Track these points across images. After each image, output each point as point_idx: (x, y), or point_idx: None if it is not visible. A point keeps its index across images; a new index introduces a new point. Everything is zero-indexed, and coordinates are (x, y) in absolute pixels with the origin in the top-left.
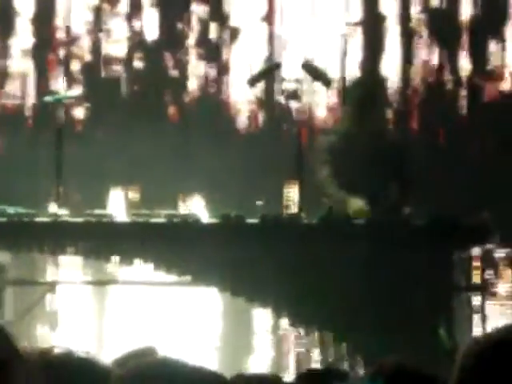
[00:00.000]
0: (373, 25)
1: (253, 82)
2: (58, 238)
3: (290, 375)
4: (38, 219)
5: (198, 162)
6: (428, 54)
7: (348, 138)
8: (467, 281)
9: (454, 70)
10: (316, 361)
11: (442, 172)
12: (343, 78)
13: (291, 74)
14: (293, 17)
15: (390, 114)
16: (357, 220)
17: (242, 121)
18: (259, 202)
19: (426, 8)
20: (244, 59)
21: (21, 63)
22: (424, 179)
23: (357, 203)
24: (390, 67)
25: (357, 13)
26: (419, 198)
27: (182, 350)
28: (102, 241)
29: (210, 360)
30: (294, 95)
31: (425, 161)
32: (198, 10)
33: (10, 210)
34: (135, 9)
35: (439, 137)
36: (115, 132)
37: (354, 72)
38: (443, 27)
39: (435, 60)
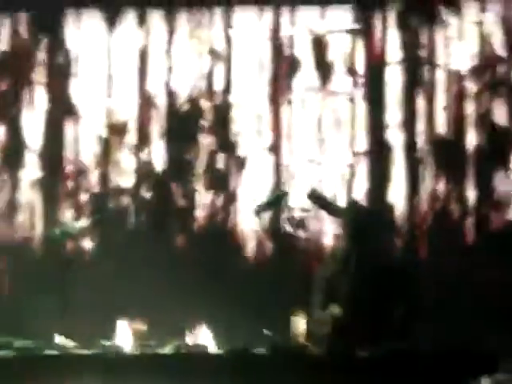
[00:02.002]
0: (379, 154)
1: (259, 211)
2: (64, 370)
3: None
4: (44, 352)
5: (205, 291)
6: (435, 183)
7: (343, 260)
8: None
9: (461, 198)
10: None
11: (449, 299)
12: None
13: (298, 203)
14: (299, 146)
15: (398, 241)
16: (361, 352)
17: (250, 250)
18: (267, 332)
19: (432, 137)
20: (251, 188)
21: (29, 195)
22: (431, 305)
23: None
24: (398, 196)
25: (363, 142)
26: (427, 325)
27: None
28: (108, 372)
29: None
30: (301, 224)
31: (432, 287)
32: (206, 141)
33: (17, 342)
34: (143, 140)
35: (445, 264)
36: (122, 263)
37: (360, 200)
38: (449, 156)
39: (441, 189)
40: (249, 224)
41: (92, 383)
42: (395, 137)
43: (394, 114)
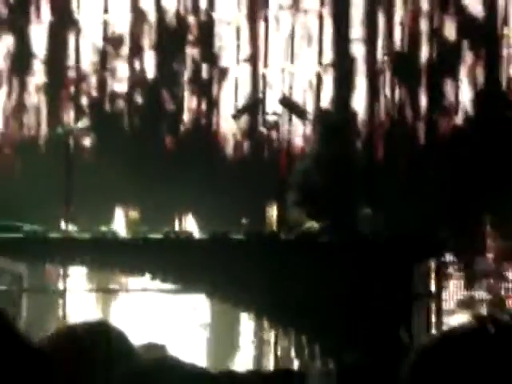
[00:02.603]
0: (343, 65)
1: (238, 115)
2: (67, 251)
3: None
4: (50, 235)
5: (190, 185)
6: (391, 92)
7: (315, 160)
8: (425, 289)
9: (414, 106)
10: (291, 360)
11: (403, 194)
12: (317, 112)
13: (272, 108)
14: (274, 58)
15: (358, 143)
16: (322, 239)
17: (229, 149)
18: (244, 221)
19: (390, 51)
20: (231, 95)
21: (35, 98)
22: (387, 201)
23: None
24: (359, 103)
25: (330, 55)
26: (383, 218)
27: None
28: (106, 254)
29: (200, 358)
30: (273, 126)
31: (387, 184)
32: (192, 52)
33: (26, 227)
34: (136, 51)
35: (400, 164)
36: (118, 159)
37: (326, 106)
38: (404, 68)
39: (397, 97)
40: (228, 126)
41: (91, 263)
42: (358, 50)
43: (357, 30)
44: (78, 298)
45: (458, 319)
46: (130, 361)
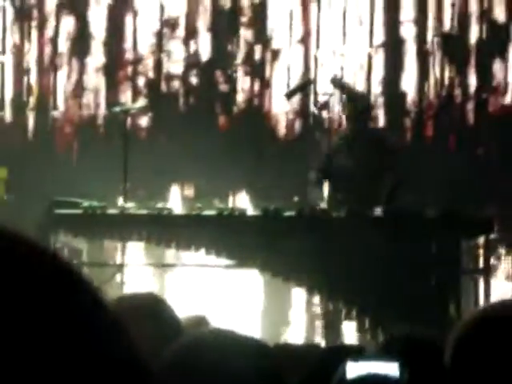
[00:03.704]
0: (394, 46)
1: (290, 95)
2: (125, 227)
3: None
4: (108, 211)
5: (244, 164)
6: (441, 72)
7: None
8: (474, 265)
9: (463, 85)
10: (341, 334)
11: (452, 173)
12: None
13: (323, 88)
14: (325, 39)
15: (407, 122)
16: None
17: (281, 129)
18: (295, 198)
19: (440, 32)
20: (283, 76)
21: (94, 79)
22: (437, 179)
23: None
24: (409, 83)
25: (380, 36)
26: (430, 195)
27: (229, 322)
28: (162, 230)
29: (253, 332)
30: (325, 107)
31: (438, 163)
32: (245, 34)
33: (85, 203)
34: (191, 33)
35: (449, 143)
36: (174, 138)
37: (377, 87)
38: (454, 49)
39: (447, 77)
40: (281, 106)
41: (147, 238)
42: (408, 31)
43: (407, 11)
44: (136, 272)
45: (505, 295)
46: (177, 334)
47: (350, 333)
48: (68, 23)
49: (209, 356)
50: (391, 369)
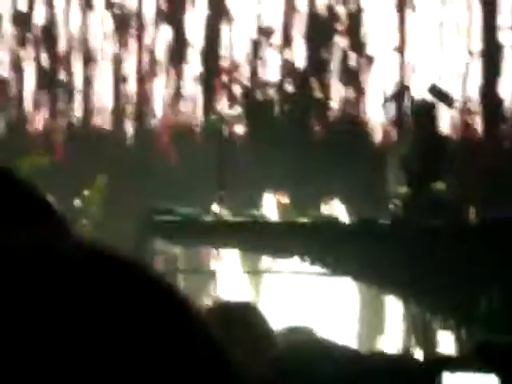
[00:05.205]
0: (492, 53)
1: (386, 103)
2: (220, 233)
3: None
4: (204, 218)
5: (339, 171)
6: None
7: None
8: None
9: None
10: (437, 344)
11: None
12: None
13: (419, 96)
14: (421, 47)
15: (505, 131)
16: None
17: (377, 136)
18: (391, 206)
19: None
20: (378, 83)
21: (191, 87)
22: None
23: None
24: (508, 90)
25: (477, 42)
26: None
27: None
28: (256, 237)
29: (348, 340)
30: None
31: None
32: (340, 41)
33: (182, 210)
34: (287, 40)
35: None
36: (269, 145)
37: (474, 94)
38: None
39: None
40: (376, 114)
41: (242, 245)
42: (507, 38)
43: (506, 17)
44: (230, 279)
45: None
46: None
47: (446, 343)
48: (165, 32)
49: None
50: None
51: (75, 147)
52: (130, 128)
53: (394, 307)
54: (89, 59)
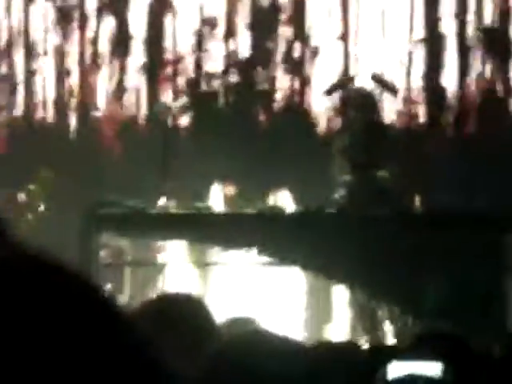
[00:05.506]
0: (434, 42)
1: (329, 92)
2: (166, 226)
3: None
4: (150, 211)
5: (284, 161)
6: (482, 67)
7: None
8: None
9: (505, 79)
10: (383, 333)
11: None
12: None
13: (363, 84)
14: (364, 36)
15: (449, 118)
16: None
17: (321, 125)
18: (336, 195)
19: (480, 27)
20: (322, 73)
21: (134, 79)
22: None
23: None
24: (450, 78)
25: (420, 32)
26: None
27: (271, 321)
28: (203, 229)
29: (295, 330)
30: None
31: (480, 158)
32: (284, 32)
33: (128, 203)
34: (230, 31)
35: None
36: (214, 136)
37: (417, 83)
38: (495, 43)
39: (488, 71)
40: (320, 103)
41: (189, 237)
42: (448, 26)
43: (447, 6)
44: (177, 271)
45: None
46: (211, 337)
47: (392, 332)
48: (108, 24)
49: (242, 361)
50: (434, 369)
51: (18, 141)
52: (73, 121)
53: (340, 296)
54: (31, 52)
